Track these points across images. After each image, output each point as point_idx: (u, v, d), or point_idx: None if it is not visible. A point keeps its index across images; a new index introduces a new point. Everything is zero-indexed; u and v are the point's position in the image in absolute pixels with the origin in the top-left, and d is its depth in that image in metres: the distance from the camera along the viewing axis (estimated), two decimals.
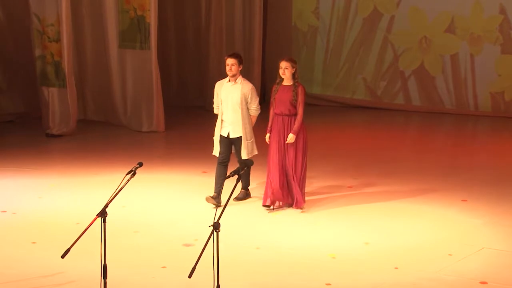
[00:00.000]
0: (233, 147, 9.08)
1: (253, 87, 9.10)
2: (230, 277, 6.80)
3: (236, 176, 5.86)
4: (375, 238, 8.15)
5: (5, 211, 9.02)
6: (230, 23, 15.84)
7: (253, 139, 9.07)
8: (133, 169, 6.30)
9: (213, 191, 9.05)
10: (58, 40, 13.25)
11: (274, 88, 8.93)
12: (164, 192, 9.73)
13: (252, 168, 8.82)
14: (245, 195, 9.35)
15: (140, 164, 6.44)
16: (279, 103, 8.81)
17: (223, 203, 8.85)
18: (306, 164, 8.99)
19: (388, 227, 8.52)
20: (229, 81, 9.02)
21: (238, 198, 9.24)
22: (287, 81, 8.86)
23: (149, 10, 13.52)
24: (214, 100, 9.18)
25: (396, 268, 7.29)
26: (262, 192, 9.11)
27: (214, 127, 9.09)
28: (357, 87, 16.30)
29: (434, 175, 10.80)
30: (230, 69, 8.94)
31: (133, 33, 13.80)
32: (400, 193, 9.82)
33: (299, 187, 8.87)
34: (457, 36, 15.37)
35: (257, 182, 9.67)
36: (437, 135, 14.26)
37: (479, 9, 15.19)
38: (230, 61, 8.94)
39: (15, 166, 11.13)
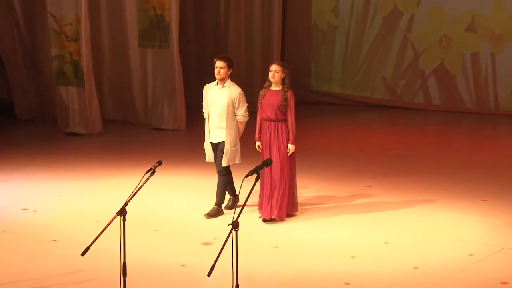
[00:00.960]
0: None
1: (242, 91, 8.59)
2: (249, 275, 6.81)
3: (255, 175, 5.86)
4: (395, 237, 8.12)
5: (26, 209, 9.08)
6: (249, 22, 15.83)
7: (237, 147, 8.58)
8: (153, 167, 6.32)
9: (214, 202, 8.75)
10: (76, 39, 13.31)
11: (261, 92, 8.49)
12: (183, 190, 9.75)
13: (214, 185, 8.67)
14: (217, 212, 8.73)
15: (160, 163, 6.45)
16: (266, 108, 8.39)
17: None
18: (295, 172, 8.62)
19: (408, 227, 8.49)
20: (217, 84, 8.60)
21: (209, 215, 8.67)
22: (276, 86, 8.44)
23: (168, 8, 13.55)
24: (203, 103, 8.73)
25: (416, 268, 7.26)
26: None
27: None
28: (377, 86, 16.25)
29: (454, 174, 10.74)
30: (219, 72, 8.48)
31: (152, 32, 13.83)
32: (420, 192, 9.78)
33: (283, 197, 8.42)
34: (478, 34, 15.28)
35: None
36: (457, 134, 14.18)
37: (500, 8, 15.09)
38: (219, 63, 8.50)
39: (35, 165, 11.20)
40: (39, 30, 14.15)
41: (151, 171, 6.28)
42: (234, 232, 5.48)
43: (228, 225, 5.58)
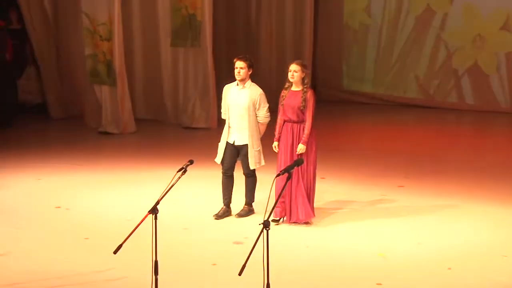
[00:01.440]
0: (239, 155, 8.53)
1: (263, 92, 8.45)
2: (280, 275, 6.79)
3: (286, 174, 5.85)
4: (428, 238, 8.05)
5: (59, 207, 9.15)
6: (281, 21, 15.82)
7: (260, 149, 8.48)
8: (184, 166, 6.33)
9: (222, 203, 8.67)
10: (110, 39, 13.38)
11: (282, 94, 8.35)
12: (214, 189, 9.75)
13: (258, 180, 8.57)
14: (248, 211, 8.69)
15: (191, 162, 6.46)
16: (288, 109, 8.25)
17: (234, 212, 8.73)
18: (315, 176, 8.41)
19: (441, 227, 8.41)
20: (238, 85, 8.46)
21: (240, 215, 8.63)
22: (296, 86, 8.28)
23: (200, 8, 13.58)
24: (222, 104, 8.61)
25: (449, 269, 7.19)
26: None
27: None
28: (409, 86, 16.14)
29: (488, 174, 10.63)
30: (239, 73, 8.34)
31: (184, 31, 13.88)
32: (453, 192, 9.69)
33: (308, 200, 8.30)
34: None
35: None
36: (490, 134, 14.04)
37: None
38: (239, 64, 8.35)
39: (68, 163, 11.29)
40: (71, 29, 14.25)
41: (183, 170, 6.29)
42: (265, 231, 5.47)
43: (259, 224, 5.57)
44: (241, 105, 8.41)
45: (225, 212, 8.65)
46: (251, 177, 8.65)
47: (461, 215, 8.82)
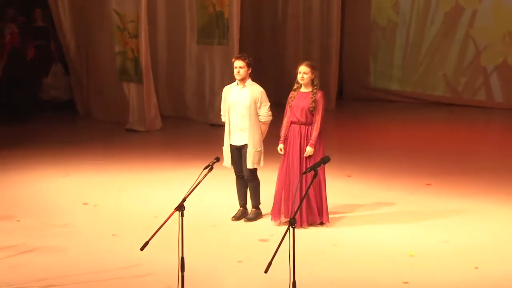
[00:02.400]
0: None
1: (263, 91, 8.31)
2: (306, 273, 6.78)
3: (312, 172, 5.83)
4: (455, 236, 8.00)
5: (86, 204, 9.22)
6: (308, 18, 15.79)
7: (261, 149, 8.31)
8: (211, 163, 6.34)
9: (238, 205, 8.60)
10: (137, 36, 13.44)
11: (291, 95, 8.20)
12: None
13: (262, 183, 8.45)
14: (256, 214, 8.55)
15: (217, 159, 6.47)
16: (296, 110, 8.10)
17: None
18: (325, 180, 8.23)
19: (468, 226, 8.35)
20: (238, 85, 8.33)
21: (248, 219, 8.50)
22: (306, 87, 8.13)
23: (228, 5, 13.58)
24: (222, 106, 8.48)
25: (477, 268, 7.14)
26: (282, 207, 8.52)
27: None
28: (437, 83, 16.04)
29: None
30: (238, 72, 8.22)
31: (211, 29, 13.89)
32: (481, 191, 9.62)
33: (316, 204, 8.16)
34: None
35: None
36: None
37: None
38: (238, 63, 8.23)
39: (96, 160, 11.36)
40: (98, 27, 14.31)
41: (209, 167, 6.30)
42: (291, 229, 5.46)
43: (285, 221, 5.55)
44: (242, 104, 8.28)
45: (243, 214, 8.60)
46: (252, 180, 8.49)
47: (488, 214, 8.75)
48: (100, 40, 14.36)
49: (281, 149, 8.26)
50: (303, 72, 8.11)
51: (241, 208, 8.63)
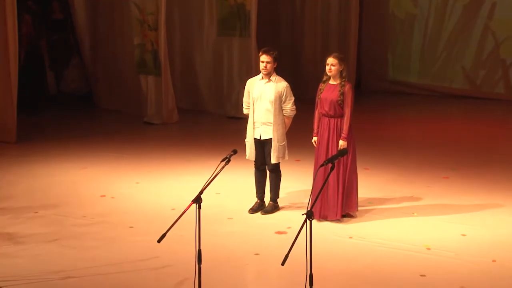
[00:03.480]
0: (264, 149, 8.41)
1: (288, 85, 8.33)
2: (323, 265, 6.79)
3: (330, 165, 5.83)
4: (472, 229, 7.97)
5: (104, 196, 9.26)
6: (326, 10, 15.75)
7: (285, 143, 8.35)
8: (228, 156, 6.35)
9: (256, 196, 8.62)
10: (156, 28, 13.47)
11: (320, 87, 8.17)
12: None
13: (284, 175, 8.47)
14: (274, 207, 8.56)
15: (235, 152, 6.48)
16: (325, 103, 8.09)
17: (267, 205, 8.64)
18: (356, 172, 8.25)
19: (486, 219, 8.32)
20: (262, 78, 8.33)
21: (265, 211, 8.51)
22: (334, 80, 8.10)
23: None
24: (244, 99, 8.47)
25: (494, 261, 7.11)
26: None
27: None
28: (456, 76, 15.96)
29: None
30: (265, 67, 8.21)
31: (232, 20, 13.88)
32: (500, 184, 9.57)
33: (342, 197, 8.12)
34: None
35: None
36: None
37: None
38: (265, 58, 8.21)
39: (114, 152, 11.41)
40: (117, 19, 14.35)
41: (227, 159, 6.31)
42: (308, 221, 5.46)
43: (303, 214, 5.56)
44: (267, 98, 8.29)
45: (260, 206, 8.61)
46: (275, 172, 8.53)
47: (506, 208, 8.71)
48: (118, 33, 14.39)
49: (315, 142, 8.28)
50: (331, 64, 8.09)
51: (259, 201, 8.64)
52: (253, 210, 8.58)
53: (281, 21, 16.15)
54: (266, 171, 8.58)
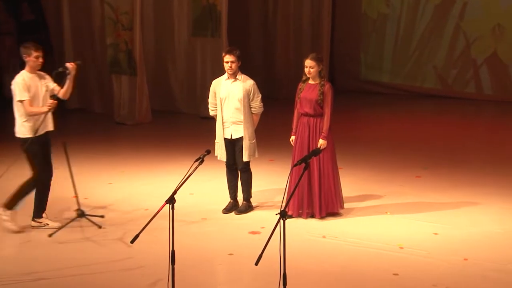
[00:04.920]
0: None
1: (255, 82, 8.39)
2: (297, 265, 6.80)
3: (303, 164, 5.85)
4: (444, 228, 8.03)
5: (76, 196, 9.18)
6: (298, 10, 15.77)
7: (254, 141, 8.42)
8: (201, 156, 6.34)
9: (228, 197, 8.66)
10: (131, 28, 13.40)
11: (299, 86, 8.23)
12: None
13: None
14: (247, 207, 8.58)
15: (208, 152, 6.48)
16: (304, 103, 8.14)
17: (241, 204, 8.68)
18: (337, 169, 8.32)
19: (457, 218, 8.38)
20: (228, 78, 8.37)
21: (239, 211, 8.51)
22: (313, 80, 8.17)
23: None
24: (210, 100, 8.52)
25: (466, 259, 7.17)
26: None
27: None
28: (427, 75, 16.07)
29: (505, 165, 10.57)
30: (230, 67, 8.24)
31: (205, 21, 13.86)
32: (471, 183, 9.66)
33: (326, 196, 8.21)
34: None
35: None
36: (509, 125, 13.93)
37: None
38: (228, 58, 8.25)
39: (86, 153, 11.34)
40: (86, 19, 14.24)
41: (200, 160, 6.31)
42: (282, 221, 5.47)
43: (276, 214, 5.57)
44: (235, 97, 8.31)
45: (233, 206, 8.62)
46: (246, 172, 8.55)
47: (477, 206, 8.79)
48: (89, 32, 14.28)
49: (292, 141, 8.31)
50: (309, 67, 8.13)
51: (232, 201, 8.65)
52: (226, 210, 8.58)
53: (253, 21, 16.15)
54: (237, 171, 8.59)
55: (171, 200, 5.95)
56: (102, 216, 7.86)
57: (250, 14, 16.14)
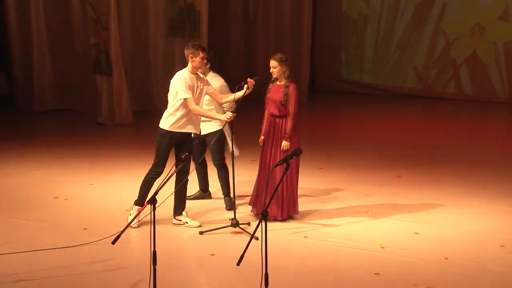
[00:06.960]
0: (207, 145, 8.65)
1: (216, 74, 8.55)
2: (278, 265, 6.82)
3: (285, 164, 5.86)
4: (425, 228, 8.07)
5: (57, 197, 9.16)
6: (279, 10, 15.79)
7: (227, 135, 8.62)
8: (183, 157, 6.35)
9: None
10: (108, 28, 13.35)
11: (268, 87, 8.20)
12: (213, 180, 9.75)
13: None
14: (231, 201, 8.59)
15: (189, 152, 6.48)
16: (270, 103, 8.11)
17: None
18: (298, 173, 8.20)
19: (438, 217, 8.43)
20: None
21: (230, 206, 8.50)
22: (279, 80, 8.12)
23: None
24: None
25: (446, 258, 7.22)
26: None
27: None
28: (408, 76, 16.14)
29: (485, 165, 10.65)
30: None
31: (182, 21, 13.83)
32: (451, 183, 9.71)
33: (287, 198, 8.13)
34: (511, 23, 15.10)
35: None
36: (489, 125, 14.04)
37: None
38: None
39: (67, 153, 11.29)
40: (66, 19, 14.15)
41: (181, 160, 6.31)
42: (263, 222, 5.48)
43: (256, 215, 5.58)
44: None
45: (200, 196, 8.98)
46: (222, 168, 8.71)
47: (458, 205, 8.84)
48: (72, 32, 14.21)
49: (261, 141, 8.29)
50: (272, 67, 8.12)
51: (199, 191, 9.00)
52: (192, 198, 8.83)
53: (233, 22, 16.13)
54: (205, 164, 8.85)
55: (152, 201, 5.95)
56: (256, 238, 7.12)
57: (231, 15, 16.12)
